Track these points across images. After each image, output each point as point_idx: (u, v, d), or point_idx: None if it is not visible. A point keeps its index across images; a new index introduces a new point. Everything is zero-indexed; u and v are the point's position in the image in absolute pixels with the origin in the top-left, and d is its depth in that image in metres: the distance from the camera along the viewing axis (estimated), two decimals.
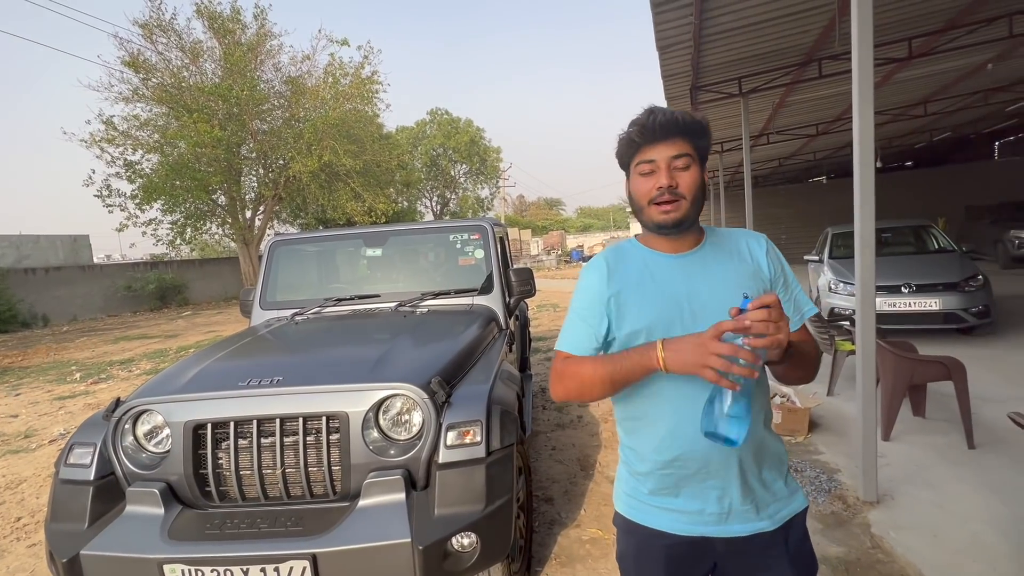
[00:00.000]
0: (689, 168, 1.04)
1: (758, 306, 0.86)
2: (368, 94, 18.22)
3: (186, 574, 1.68)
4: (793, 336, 1.00)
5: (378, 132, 20.18)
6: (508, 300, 3.26)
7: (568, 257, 31.26)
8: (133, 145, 15.30)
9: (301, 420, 1.89)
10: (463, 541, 1.76)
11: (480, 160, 34.06)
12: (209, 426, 1.90)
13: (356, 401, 1.90)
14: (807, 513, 1.13)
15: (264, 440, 1.90)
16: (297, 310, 3.18)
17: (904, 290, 5.63)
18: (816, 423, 3.73)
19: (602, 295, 1.09)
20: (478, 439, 1.87)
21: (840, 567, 2.23)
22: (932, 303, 5.52)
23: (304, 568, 1.66)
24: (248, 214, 17.86)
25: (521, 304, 4.22)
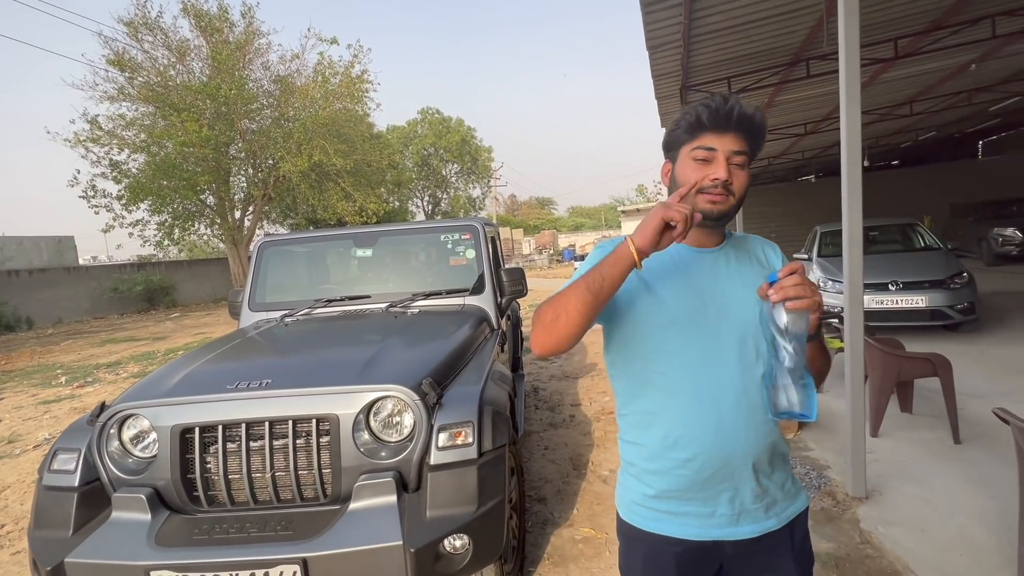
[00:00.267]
0: (744, 168, 1.00)
1: (788, 273, 0.90)
2: (358, 93, 18.15)
3: None
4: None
5: (368, 131, 20.10)
6: (500, 300, 3.25)
7: (560, 256, 31.31)
8: (119, 145, 15.13)
9: (291, 423, 1.87)
10: (455, 543, 1.75)
11: (471, 159, 34.04)
12: (197, 430, 1.88)
13: (346, 403, 1.88)
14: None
15: (253, 444, 1.87)
16: (287, 311, 3.15)
17: (891, 288, 5.71)
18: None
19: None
20: (470, 440, 1.86)
21: (830, 563, 2.25)
22: (919, 300, 5.60)
23: (295, 572, 1.64)
24: (237, 214, 17.70)
25: (513, 304, 4.21)
